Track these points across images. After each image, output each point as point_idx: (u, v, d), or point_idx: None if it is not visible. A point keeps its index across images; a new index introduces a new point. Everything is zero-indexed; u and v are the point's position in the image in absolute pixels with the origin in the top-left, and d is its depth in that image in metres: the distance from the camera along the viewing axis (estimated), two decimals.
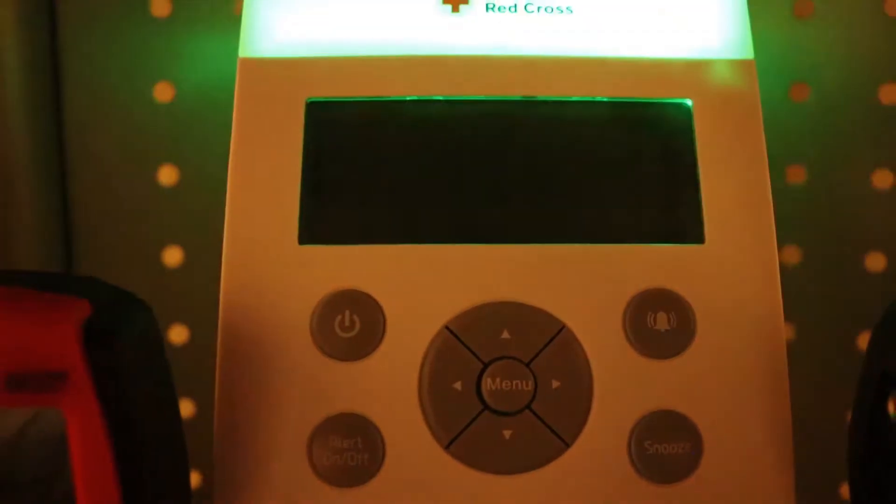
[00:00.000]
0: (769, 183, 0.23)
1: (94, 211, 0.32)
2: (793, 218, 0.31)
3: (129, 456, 0.18)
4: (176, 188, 0.32)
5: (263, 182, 0.22)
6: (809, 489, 0.23)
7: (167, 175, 0.32)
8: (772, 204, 0.22)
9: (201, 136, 0.32)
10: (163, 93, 0.32)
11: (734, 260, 0.22)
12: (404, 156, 0.23)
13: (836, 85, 0.31)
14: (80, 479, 0.18)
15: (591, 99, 0.23)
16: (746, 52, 0.23)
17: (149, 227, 0.32)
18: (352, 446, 0.21)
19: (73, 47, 0.31)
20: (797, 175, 0.32)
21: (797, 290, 0.29)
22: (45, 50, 0.31)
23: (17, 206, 0.31)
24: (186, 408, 0.32)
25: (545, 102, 0.23)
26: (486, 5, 0.23)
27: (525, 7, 0.23)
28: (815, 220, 0.31)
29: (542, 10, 0.23)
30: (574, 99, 0.23)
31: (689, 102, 0.23)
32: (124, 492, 0.18)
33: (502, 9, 0.23)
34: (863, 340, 0.31)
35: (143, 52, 0.31)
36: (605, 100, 0.23)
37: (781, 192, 0.25)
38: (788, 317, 0.22)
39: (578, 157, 0.23)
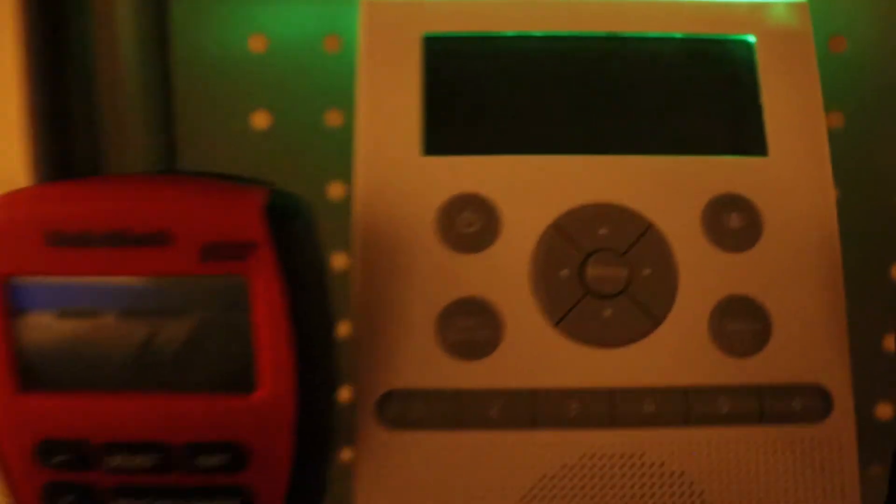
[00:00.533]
0: (822, 107, 0.27)
1: (197, 153, 0.36)
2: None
3: (299, 314, 0.22)
4: (267, 132, 0.36)
5: (389, 106, 0.26)
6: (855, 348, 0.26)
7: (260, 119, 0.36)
8: (825, 124, 0.26)
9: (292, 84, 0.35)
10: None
11: (793, 169, 0.26)
12: (511, 81, 0.26)
13: (870, 38, 0.35)
14: (261, 333, 0.22)
15: (671, 35, 0.27)
16: None
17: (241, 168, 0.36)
18: (475, 325, 0.25)
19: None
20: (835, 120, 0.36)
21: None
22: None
23: (127, 146, 0.35)
24: None
25: (632, 38, 0.27)
26: None
27: None
28: (851, 163, 0.35)
29: None
30: (658, 35, 0.27)
31: (752, 38, 0.27)
32: (296, 342, 0.22)
33: None
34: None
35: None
36: (681, 36, 0.27)
37: None
38: None
39: (661, 84, 0.27)
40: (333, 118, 0.36)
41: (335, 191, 0.35)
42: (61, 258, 0.22)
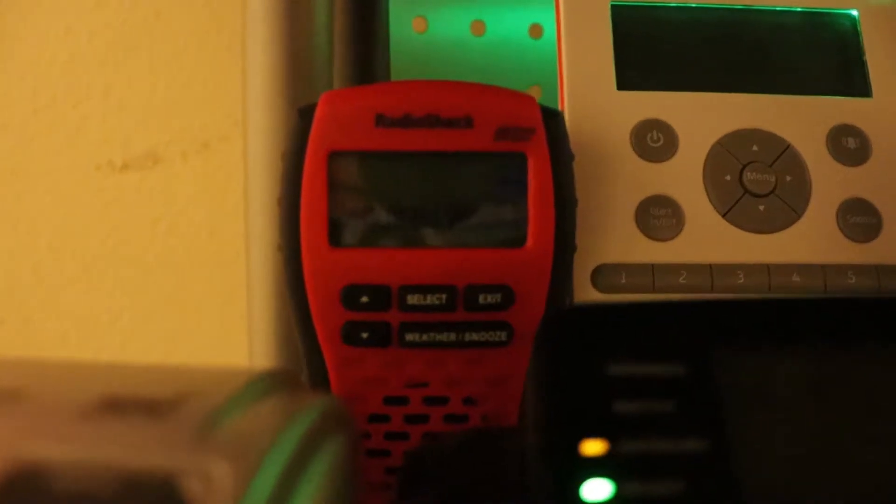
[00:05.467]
0: None
1: None
2: None
3: (559, 188, 0.32)
4: None
5: (588, 50, 0.37)
6: None
7: None
8: None
9: None
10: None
11: (890, 108, 0.37)
12: (679, 38, 0.37)
13: None
14: (533, 201, 0.31)
15: (795, 9, 0.38)
16: None
17: None
18: (663, 214, 0.35)
19: None
20: None
21: None
22: None
23: None
24: None
25: (766, 10, 0.38)
26: None
27: None
28: None
29: None
30: (786, 8, 0.38)
31: (855, 13, 0.39)
32: (558, 207, 0.32)
33: None
34: None
35: None
36: (806, 9, 0.38)
37: None
38: None
39: (793, 44, 0.38)
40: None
41: None
42: (384, 137, 0.31)
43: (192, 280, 0.48)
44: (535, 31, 0.47)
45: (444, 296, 0.32)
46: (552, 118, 0.32)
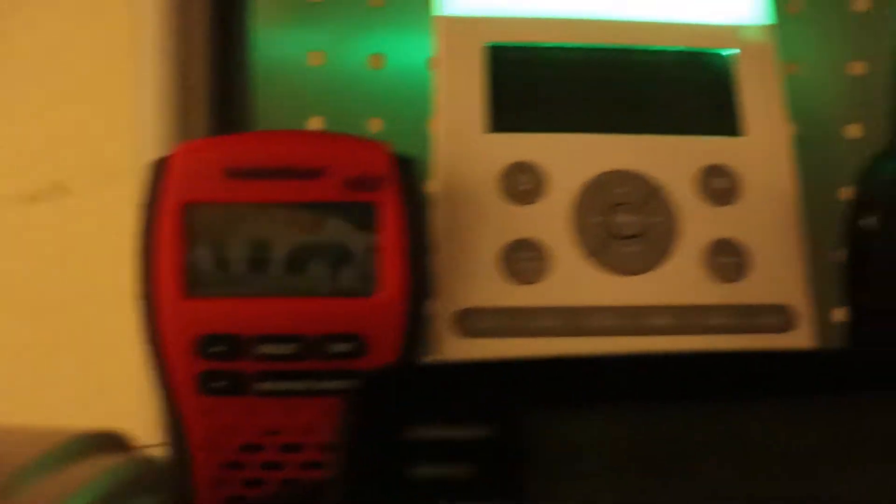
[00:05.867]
0: (784, 101, 0.38)
1: None
2: None
3: (414, 233, 0.32)
4: None
5: (462, 92, 0.37)
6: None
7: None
8: (786, 112, 0.38)
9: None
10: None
11: (762, 146, 0.38)
12: (552, 79, 0.38)
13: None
14: (384, 249, 0.32)
15: (672, 48, 0.39)
16: (769, 19, 0.39)
17: None
18: (529, 258, 0.36)
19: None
20: None
21: None
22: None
23: None
24: None
25: (642, 50, 0.38)
26: None
27: None
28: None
29: None
30: (662, 48, 0.39)
31: (732, 51, 0.39)
32: (410, 255, 0.32)
33: None
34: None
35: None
36: (679, 48, 0.39)
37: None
38: None
39: (667, 83, 0.38)
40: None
41: None
42: (236, 188, 0.32)
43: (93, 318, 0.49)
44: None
45: (294, 345, 0.32)
46: (405, 165, 0.32)
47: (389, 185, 0.32)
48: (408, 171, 0.33)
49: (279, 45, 0.46)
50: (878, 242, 0.34)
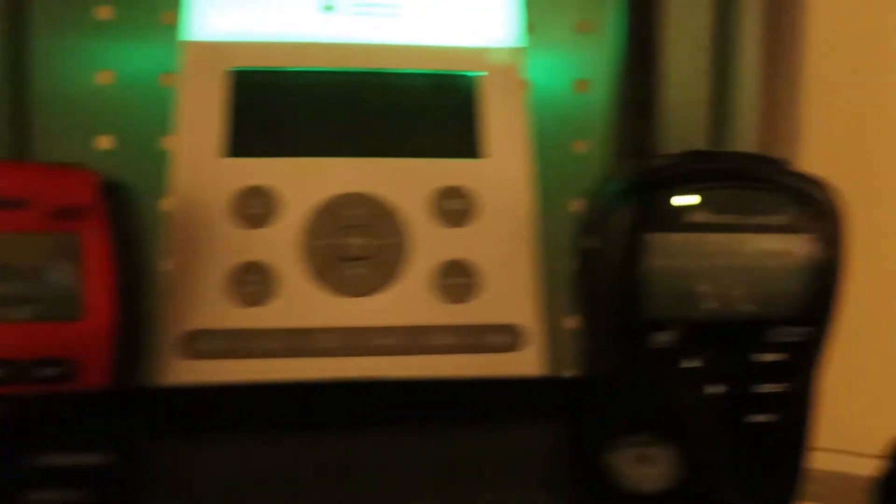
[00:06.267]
0: (526, 123, 0.39)
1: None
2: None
3: (122, 260, 0.33)
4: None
5: (201, 117, 0.38)
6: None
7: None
8: (528, 136, 0.39)
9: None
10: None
11: (501, 168, 0.39)
12: (291, 104, 0.39)
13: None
14: (89, 276, 0.33)
15: (417, 71, 0.40)
16: (518, 42, 0.41)
17: None
18: (256, 280, 0.37)
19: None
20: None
21: None
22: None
23: None
24: None
25: (386, 73, 0.39)
26: (348, 11, 0.40)
27: (372, 11, 0.40)
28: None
29: (383, 14, 0.40)
30: (406, 71, 0.40)
31: (477, 73, 0.40)
32: (117, 280, 0.33)
33: (358, 13, 0.40)
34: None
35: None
36: (425, 71, 0.40)
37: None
38: None
39: (408, 107, 0.39)
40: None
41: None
42: None
43: None
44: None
45: (3, 370, 0.33)
46: (114, 193, 0.34)
47: (95, 214, 0.33)
48: (117, 199, 0.34)
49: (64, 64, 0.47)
50: (598, 264, 0.35)
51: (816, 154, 0.51)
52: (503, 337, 0.37)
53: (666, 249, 0.34)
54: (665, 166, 0.35)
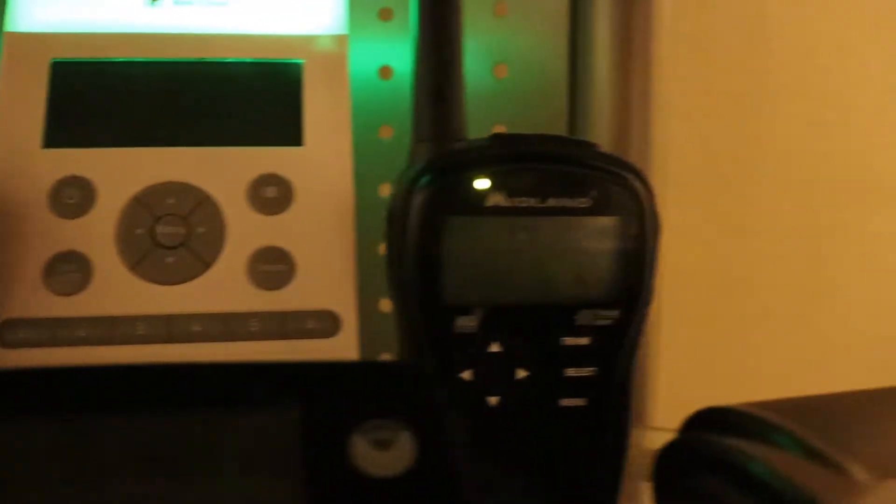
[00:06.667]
0: (348, 110, 0.40)
1: None
2: None
3: None
4: None
5: (21, 108, 0.39)
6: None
7: None
8: (349, 124, 0.40)
9: None
10: None
11: (321, 155, 0.39)
12: (112, 94, 0.39)
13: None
14: None
15: (241, 60, 0.40)
16: (342, 29, 0.41)
17: None
18: (71, 269, 0.37)
19: None
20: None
21: None
22: None
23: None
24: None
25: (204, 62, 0.40)
26: (174, 1, 0.41)
27: (198, 1, 0.41)
28: None
29: (209, 3, 0.41)
30: (230, 60, 0.40)
31: (300, 61, 0.40)
32: None
33: (183, 3, 0.41)
34: None
35: None
36: (247, 60, 0.40)
37: None
38: None
39: (230, 96, 0.40)
40: None
41: None
42: None
43: None
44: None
45: None
46: None
47: None
48: None
49: None
50: (400, 249, 0.36)
51: (671, 138, 0.52)
52: (320, 323, 0.38)
53: (465, 233, 0.35)
54: (462, 150, 0.36)
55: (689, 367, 0.59)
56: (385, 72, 0.48)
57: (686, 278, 0.59)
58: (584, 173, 0.36)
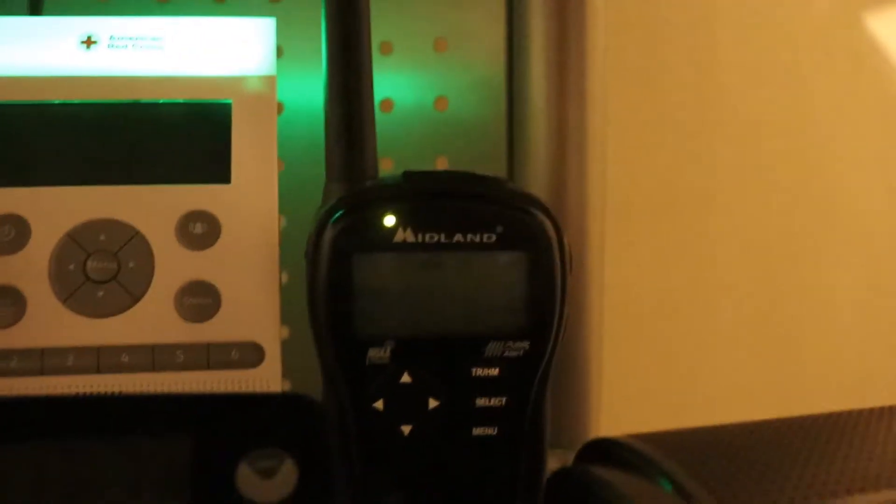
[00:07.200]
0: (275, 149, 0.42)
1: None
2: None
3: None
4: None
5: None
6: None
7: None
8: (276, 162, 0.42)
9: None
10: None
11: (247, 192, 0.41)
12: (41, 133, 0.42)
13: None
14: None
15: (170, 101, 0.43)
16: (270, 70, 0.43)
17: None
18: (7, 303, 0.39)
19: None
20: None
21: None
22: None
23: None
24: None
25: (141, 104, 0.42)
26: (108, 45, 0.43)
27: (132, 45, 0.43)
28: None
29: (144, 47, 0.43)
30: (160, 101, 0.42)
31: (228, 101, 0.43)
32: None
33: (118, 46, 0.43)
34: None
35: None
36: (177, 101, 0.43)
37: None
38: None
39: (159, 136, 0.42)
40: None
41: None
42: None
43: None
44: None
45: None
46: None
47: None
48: None
49: None
50: (315, 284, 0.38)
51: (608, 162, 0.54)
52: (243, 354, 0.40)
53: (373, 269, 0.37)
54: (371, 188, 0.38)
55: (633, 392, 0.61)
56: (386, 105, 0.51)
57: (630, 304, 0.61)
58: (491, 209, 0.38)
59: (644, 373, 0.63)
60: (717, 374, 0.66)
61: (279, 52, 0.46)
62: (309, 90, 0.53)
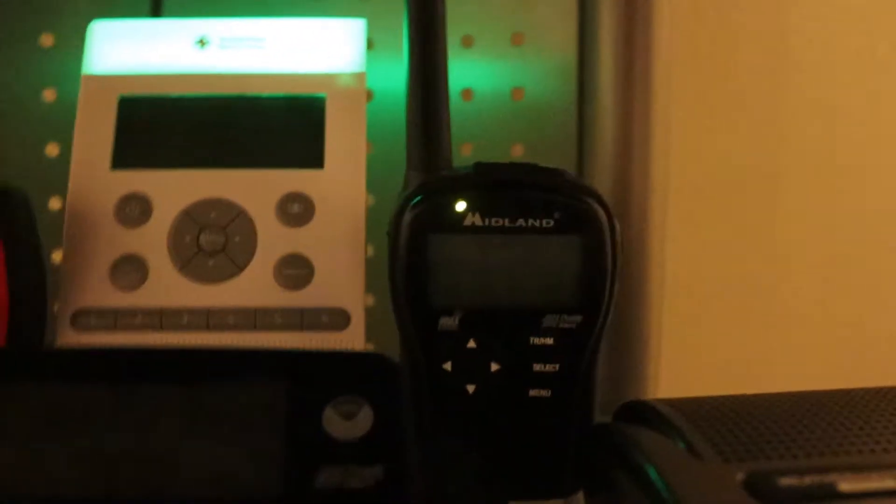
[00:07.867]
0: (364, 139, 0.49)
1: None
2: None
3: (16, 254, 0.44)
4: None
5: (94, 136, 0.49)
6: None
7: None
8: (364, 150, 0.49)
9: None
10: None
11: (339, 177, 0.48)
12: (170, 124, 0.49)
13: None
14: None
15: (269, 95, 0.49)
16: (360, 67, 0.50)
17: None
18: (132, 269, 0.47)
19: None
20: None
21: None
22: None
23: None
24: None
25: (243, 97, 0.49)
26: (219, 45, 0.50)
27: (239, 45, 0.50)
28: None
29: (249, 47, 0.50)
30: (258, 95, 0.49)
31: (323, 95, 0.49)
32: (10, 272, 0.44)
33: (227, 47, 0.50)
34: None
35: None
36: (278, 95, 0.49)
37: None
38: None
39: (265, 125, 0.49)
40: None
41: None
42: None
43: None
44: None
45: None
46: (6, 199, 0.45)
47: None
48: (9, 204, 0.45)
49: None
50: (395, 260, 0.44)
51: (669, 159, 0.59)
52: (333, 318, 0.47)
53: (445, 248, 0.43)
54: (445, 177, 0.44)
55: (693, 366, 0.66)
56: (467, 94, 0.57)
57: (694, 285, 0.66)
58: (550, 198, 0.43)
59: (706, 351, 0.67)
60: (779, 356, 0.70)
61: (370, 44, 0.52)
62: (397, 78, 0.59)
